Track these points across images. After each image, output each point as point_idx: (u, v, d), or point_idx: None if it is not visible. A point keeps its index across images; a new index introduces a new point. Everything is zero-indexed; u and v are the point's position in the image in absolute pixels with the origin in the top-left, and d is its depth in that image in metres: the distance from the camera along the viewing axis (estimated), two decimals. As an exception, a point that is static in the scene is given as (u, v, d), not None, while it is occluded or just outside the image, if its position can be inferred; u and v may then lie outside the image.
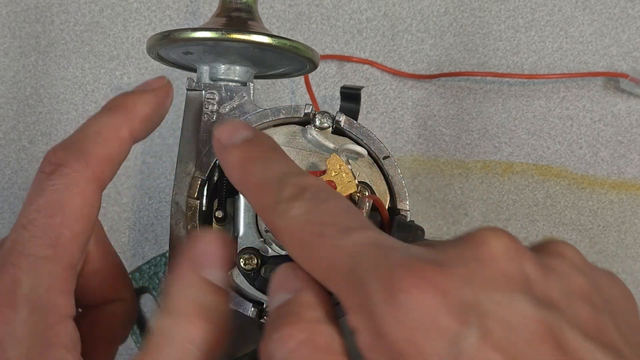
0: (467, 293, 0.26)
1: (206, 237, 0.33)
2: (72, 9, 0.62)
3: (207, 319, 0.31)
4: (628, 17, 0.62)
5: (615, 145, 0.60)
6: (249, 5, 0.43)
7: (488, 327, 0.25)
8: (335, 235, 0.28)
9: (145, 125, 0.37)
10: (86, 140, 0.35)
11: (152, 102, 0.38)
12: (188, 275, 0.32)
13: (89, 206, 0.34)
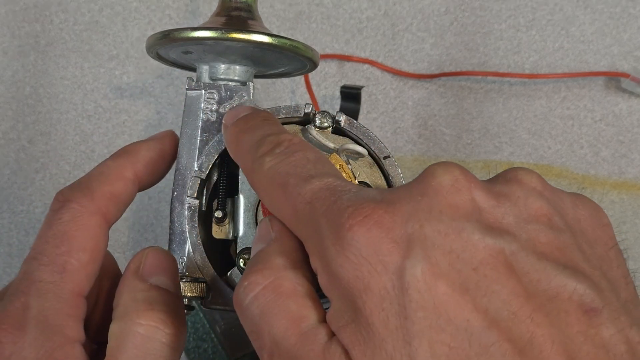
0: (412, 226, 0.26)
1: (145, 251, 0.36)
2: (71, 8, 0.62)
3: (159, 312, 0.34)
4: (629, 16, 0.62)
5: (617, 145, 0.60)
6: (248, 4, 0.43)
7: (433, 258, 0.26)
8: (297, 184, 0.30)
9: (149, 169, 0.40)
10: (91, 180, 0.38)
11: (156, 148, 0.40)
12: (132, 282, 0.35)
13: (94, 238, 0.36)
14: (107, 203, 0.37)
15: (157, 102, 0.61)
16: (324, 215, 0.28)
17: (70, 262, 0.35)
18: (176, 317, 0.34)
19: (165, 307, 0.34)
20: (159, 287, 0.35)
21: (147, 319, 0.34)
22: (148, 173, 0.40)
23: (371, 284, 0.26)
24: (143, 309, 0.34)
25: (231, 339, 0.52)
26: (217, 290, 0.39)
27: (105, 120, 0.60)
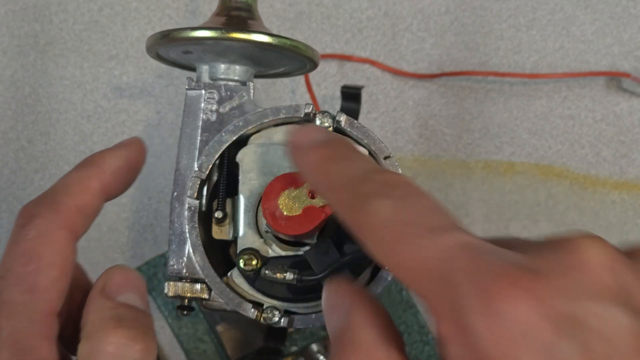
0: (565, 304, 0.25)
1: (112, 269, 0.36)
2: (71, 8, 0.62)
3: (128, 329, 0.33)
4: (630, 16, 0.62)
5: (618, 145, 0.60)
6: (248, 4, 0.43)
7: (587, 341, 0.24)
8: (423, 235, 0.27)
9: (116, 179, 0.39)
10: (56, 193, 0.37)
11: (122, 156, 0.39)
12: (99, 300, 0.34)
13: (63, 254, 0.35)
14: (74, 217, 0.36)
15: (157, 102, 0.61)
16: (463, 277, 0.25)
17: (39, 280, 0.34)
18: (146, 333, 0.34)
19: (134, 323, 0.34)
20: (126, 304, 0.35)
21: (116, 337, 0.33)
22: (115, 183, 0.39)
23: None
24: (112, 327, 0.33)
25: (231, 339, 0.52)
26: (217, 291, 0.39)
27: (105, 120, 0.60)
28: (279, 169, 0.40)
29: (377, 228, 0.28)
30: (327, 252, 0.38)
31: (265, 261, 0.39)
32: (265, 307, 0.39)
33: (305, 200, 0.37)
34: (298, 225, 0.37)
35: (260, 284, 0.39)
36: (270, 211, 0.37)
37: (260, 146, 0.40)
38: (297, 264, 0.39)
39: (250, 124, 0.40)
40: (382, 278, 0.39)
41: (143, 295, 0.36)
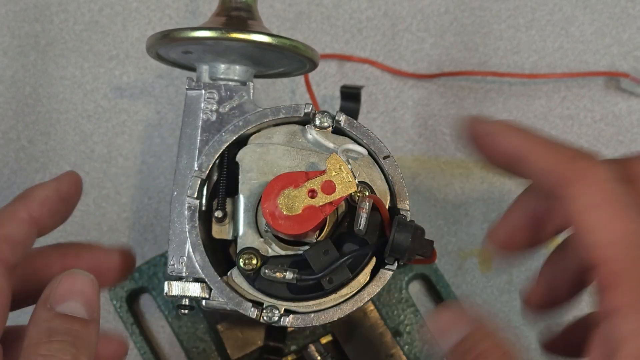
0: None
1: (59, 277, 0.36)
2: (71, 8, 0.62)
3: (57, 342, 0.33)
4: (629, 16, 0.62)
5: (616, 145, 0.60)
6: (248, 4, 0.43)
7: None
8: None
9: (44, 208, 0.40)
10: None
11: (51, 187, 0.41)
12: (38, 312, 0.35)
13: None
14: (1, 246, 0.37)
15: (157, 102, 0.61)
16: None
17: None
18: (81, 344, 0.34)
19: (67, 336, 0.34)
20: (64, 315, 0.35)
21: (45, 350, 0.33)
22: (45, 212, 0.40)
23: None
24: (43, 341, 0.34)
25: (231, 338, 0.52)
26: (217, 290, 0.39)
27: (105, 120, 0.61)
28: (279, 169, 0.40)
29: None
30: (326, 252, 0.38)
31: (265, 260, 0.40)
32: (265, 306, 0.39)
33: (305, 199, 0.37)
34: (297, 224, 0.37)
35: (260, 283, 0.39)
36: (270, 211, 0.37)
37: (260, 146, 0.40)
38: (297, 263, 0.39)
39: (250, 123, 0.40)
40: (381, 278, 0.39)
41: (89, 301, 0.36)
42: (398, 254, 0.38)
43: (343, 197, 0.37)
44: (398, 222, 0.38)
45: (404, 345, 0.54)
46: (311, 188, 0.37)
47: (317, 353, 0.52)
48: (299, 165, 0.40)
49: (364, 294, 0.39)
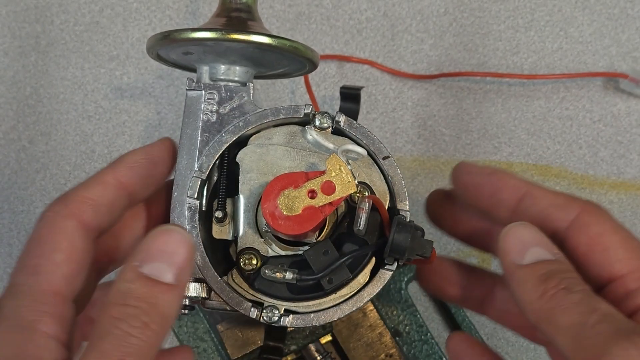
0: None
1: (153, 234, 0.35)
2: (71, 9, 0.62)
3: (132, 307, 0.33)
4: (627, 17, 0.62)
5: (615, 146, 0.60)
6: (248, 5, 0.43)
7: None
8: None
9: (132, 172, 0.39)
10: (70, 190, 0.38)
11: (141, 152, 0.40)
12: (126, 269, 0.34)
13: (69, 239, 0.36)
14: (82, 206, 0.37)
15: (158, 102, 0.61)
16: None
17: (42, 263, 0.35)
18: (155, 312, 0.33)
19: (143, 302, 0.34)
20: (146, 277, 0.34)
21: (117, 313, 0.33)
22: (134, 177, 0.39)
23: None
24: (118, 302, 0.34)
25: (231, 338, 0.52)
26: (217, 290, 0.39)
27: (106, 121, 0.61)
28: (279, 169, 0.40)
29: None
30: (326, 252, 0.39)
31: (265, 261, 0.40)
32: (265, 306, 0.39)
33: (305, 200, 0.37)
34: (297, 225, 0.37)
35: (260, 283, 0.39)
36: (270, 211, 0.37)
37: (260, 146, 0.40)
38: (297, 263, 0.39)
39: (250, 124, 0.41)
40: (381, 278, 0.39)
41: (178, 264, 0.34)
42: (397, 254, 0.38)
43: (343, 198, 0.37)
44: (397, 223, 0.38)
45: (403, 345, 0.54)
46: (311, 188, 0.37)
47: (316, 353, 0.52)
48: (298, 166, 0.40)
49: (364, 294, 0.39)
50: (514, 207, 0.39)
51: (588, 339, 0.32)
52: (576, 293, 0.34)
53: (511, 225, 0.37)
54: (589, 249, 0.37)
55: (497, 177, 0.40)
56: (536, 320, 0.35)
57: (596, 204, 0.39)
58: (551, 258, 0.36)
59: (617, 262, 0.36)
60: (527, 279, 0.36)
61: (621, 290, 0.36)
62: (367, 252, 0.39)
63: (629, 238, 0.37)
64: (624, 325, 0.32)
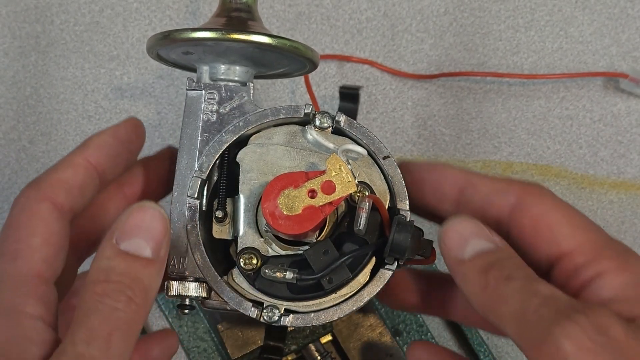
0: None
1: (129, 210, 0.35)
2: (72, 9, 0.62)
3: (114, 283, 0.34)
4: (628, 17, 0.62)
5: (615, 145, 0.60)
6: (248, 5, 0.43)
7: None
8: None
9: (101, 151, 0.40)
10: (42, 174, 0.39)
11: (108, 132, 0.40)
12: (104, 245, 0.35)
13: (44, 222, 0.36)
14: (54, 189, 0.37)
15: (158, 102, 0.61)
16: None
17: (20, 248, 0.35)
18: (137, 286, 0.34)
19: (125, 277, 0.34)
20: (125, 253, 0.35)
21: (101, 289, 0.34)
22: (103, 157, 0.39)
23: None
24: (101, 279, 0.34)
25: (231, 338, 0.52)
26: (218, 290, 0.39)
27: (106, 121, 0.61)
28: (279, 169, 0.40)
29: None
30: (326, 252, 0.39)
31: (265, 260, 0.40)
32: (265, 306, 0.39)
33: (305, 199, 0.37)
34: (297, 224, 0.37)
35: (260, 283, 0.39)
36: (270, 211, 0.37)
37: (260, 146, 0.40)
38: (297, 263, 0.39)
39: (250, 124, 0.41)
40: (381, 278, 0.39)
41: (155, 239, 0.35)
42: (397, 253, 0.38)
43: (343, 197, 0.37)
44: (398, 222, 0.38)
45: (403, 345, 0.54)
46: (311, 188, 0.37)
47: (317, 352, 0.52)
48: (299, 166, 0.40)
49: (364, 294, 0.39)
50: (456, 199, 0.39)
51: (531, 325, 0.32)
52: (516, 280, 0.34)
53: (449, 221, 0.37)
54: (533, 230, 0.37)
55: (436, 171, 0.40)
56: (483, 313, 0.35)
57: (536, 184, 0.38)
58: (492, 247, 0.36)
59: (562, 239, 0.36)
60: (470, 273, 0.36)
61: (570, 266, 0.36)
62: (367, 251, 0.39)
63: (572, 214, 0.37)
64: (564, 305, 0.32)
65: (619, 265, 0.34)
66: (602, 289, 0.34)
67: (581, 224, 0.37)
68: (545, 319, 0.32)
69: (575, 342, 0.30)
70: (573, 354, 0.30)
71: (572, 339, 0.30)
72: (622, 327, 0.31)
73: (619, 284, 0.34)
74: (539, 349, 0.31)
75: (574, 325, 0.31)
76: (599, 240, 0.36)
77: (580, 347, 0.30)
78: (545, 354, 0.31)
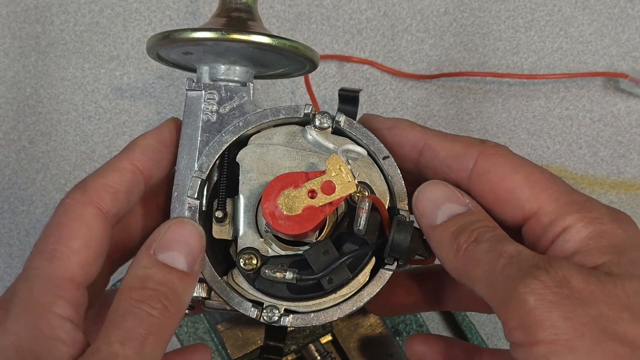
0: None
1: (167, 224, 0.36)
2: (72, 9, 0.62)
3: (150, 290, 0.34)
4: (628, 17, 0.62)
5: (615, 145, 0.61)
6: (248, 5, 0.43)
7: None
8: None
9: (148, 156, 0.40)
10: (87, 177, 0.38)
11: (153, 135, 0.41)
12: (141, 256, 0.35)
13: (87, 226, 0.36)
14: (100, 193, 0.37)
15: (158, 102, 0.61)
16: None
17: (58, 249, 0.35)
18: (173, 296, 0.35)
19: (162, 286, 0.35)
20: (163, 264, 0.35)
21: (138, 296, 0.34)
22: (149, 160, 0.40)
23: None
24: (137, 286, 0.35)
25: (231, 338, 0.52)
26: (218, 290, 0.40)
27: (106, 121, 0.61)
28: (279, 169, 0.40)
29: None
30: (326, 252, 0.39)
31: (265, 260, 0.40)
32: (265, 306, 0.39)
33: (305, 200, 0.37)
34: (297, 224, 0.37)
35: (260, 283, 0.39)
36: (270, 211, 0.37)
37: (260, 146, 0.40)
38: (297, 263, 0.39)
39: (250, 124, 0.41)
40: (381, 278, 0.39)
41: (191, 253, 0.36)
42: (397, 253, 0.38)
43: (343, 198, 0.37)
44: (397, 222, 0.38)
45: (403, 345, 0.54)
46: (311, 188, 0.37)
47: (317, 352, 0.52)
48: (298, 166, 0.40)
49: (364, 294, 0.39)
50: (416, 161, 0.40)
51: (498, 284, 0.33)
52: (484, 242, 0.35)
53: (420, 188, 0.38)
54: (495, 195, 0.37)
55: (396, 131, 0.40)
56: (458, 277, 0.36)
57: (493, 145, 0.39)
58: (463, 210, 0.37)
59: (525, 202, 0.37)
60: (443, 239, 0.36)
61: (537, 226, 0.36)
62: (367, 251, 0.39)
63: (532, 173, 0.37)
64: (527, 263, 0.33)
65: (580, 218, 0.35)
66: (567, 243, 0.35)
67: (541, 182, 0.37)
68: (510, 278, 0.32)
69: (538, 297, 0.31)
70: (537, 308, 0.31)
71: (535, 294, 0.31)
72: (582, 276, 0.32)
73: (582, 236, 0.35)
74: (507, 307, 0.32)
75: (536, 281, 0.32)
76: (560, 197, 0.36)
77: (543, 300, 0.31)
78: (511, 311, 0.32)
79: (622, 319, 0.31)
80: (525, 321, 0.31)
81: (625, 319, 0.31)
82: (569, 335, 0.31)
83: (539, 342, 0.31)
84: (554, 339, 0.31)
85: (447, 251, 0.36)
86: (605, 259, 0.34)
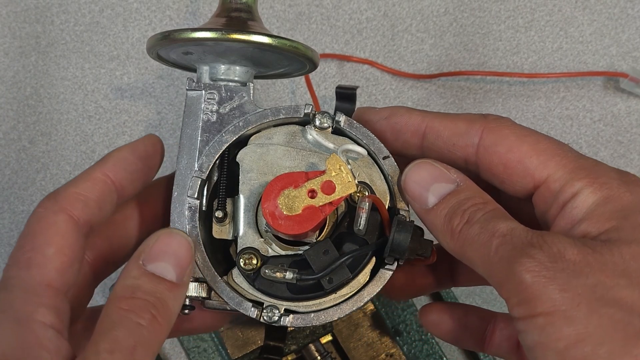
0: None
1: (155, 235, 0.36)
2: (72, 9, 0.62)
3: (139, 300, 0.34)
4: (628, 17, 0.62)
5: (615, 145, 0.61)
6: (248, 5, 0.43)
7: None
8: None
9: (120, 166, 0.40)
10: (61, 186, 0.39)
11: (127, 148, 0.41)
12: (130, 266, 0.36)
13: (60, 233, 0.37)
14: (71, 201, 0.38)
15: (158, 102, 0.61)
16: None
17: (34, 257, 0.36)
18: (162, 306, 0.35)
19: (151, 296, 0.35)
20: (152, 274, 0.36)
21: (126, 305, 0.35)
22: (121, 172, 0.40)
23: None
24: (127, 296, 0.35)
25: (231, 338, 0.53)
26: (218, 290, 0.40)
27: (106, 121, 0.61)
28: (279, 169, 0.40)
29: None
30: (326, 252, 0.39)
31: (265, 260, 0.40)
32: (265, 306, 0.39)
33: (305, 200, 0.37)
34: (297, 224, 0.37)
35: (260, 283, 0.39)
36: (270, 211, 0.37)
37: (260, 146, 0.40)
38: (297, 263, 0.39)
39: (250, 124, 0.41)
40: (381, 278, 0.39)
41: (180, 264, 0.36)
42: (397, 253, 0.38)
43: (343, 197, 0.37)
44: (397, 222, 0.38)
45: (403, 345, 0.54)
46: (311, 188, 0.37)
47: (317, 352, 0.52)
48: (299, 166, 0.40)
49: (364, 294, 0.39)
50: (420, 145, 0.40)
51: (495, 265, 0.34)
52: (476, 223, 0.35)
53: (406, 171, 0.38)
54: (504, 167, 0.38)
55: (394, 119, 0.40)
56: (459, 259, 0.36)
57: (495, 117, 0.39)
58: (452, 188, 0.37)
59: (534, 170, 0.37)
60: (436, 223, 0.37)
61: (547, 193, 0.37)
62: (367, 251, 0.39)
63: (539, 141, 0.37)
64: (521, 240, 0.33)
65: (589, 183, 0.35)
66: (575, 209, 0.35)
67: (548, 149, 0.37)
68: (505, 258, 0.33)
69: (534, 274, 0.32)
70: (534, 284, 0.32)
71: (531, 272, 0.32)
72: (577, 248, 0.33)
73: (589, 203, 0.35)
74: (506, 286, 0.33)
75: (530, 259, 0.32)
76: (569, 162, 0.36)
77: (539, 276, 0.32)
78: (511, 290, 0.33)
79: (619, 285, 0.32)
80: (524, 298, 0.32)
81: (622, 284, 0.32)
82: (566, 306, 0.31)
83: (538, 314, 0.32)
84: (552, 311, 0.31)
85: (443, 235, 0.36)
86: (610, 224, 0.34)
